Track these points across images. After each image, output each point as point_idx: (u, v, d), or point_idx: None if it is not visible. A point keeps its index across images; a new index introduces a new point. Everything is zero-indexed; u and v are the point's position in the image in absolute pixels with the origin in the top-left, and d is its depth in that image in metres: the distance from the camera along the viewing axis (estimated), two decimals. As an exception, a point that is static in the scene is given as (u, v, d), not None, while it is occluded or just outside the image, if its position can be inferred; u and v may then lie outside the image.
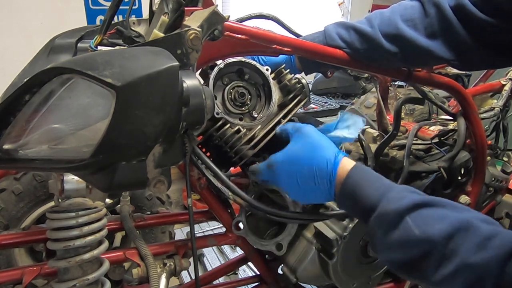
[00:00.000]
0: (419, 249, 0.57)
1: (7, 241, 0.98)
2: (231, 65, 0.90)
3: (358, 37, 0.88)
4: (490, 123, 1.40)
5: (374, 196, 0.65)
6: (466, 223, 0.55)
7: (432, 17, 0.83)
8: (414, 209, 0.59)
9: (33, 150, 0.59)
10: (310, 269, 1.05)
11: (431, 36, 0.83)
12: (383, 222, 0.62)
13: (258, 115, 0.92)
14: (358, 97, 2.86)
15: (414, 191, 0.65)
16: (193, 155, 0.76)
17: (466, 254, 0.53)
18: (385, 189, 0.65)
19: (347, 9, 4.61)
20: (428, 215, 0.58)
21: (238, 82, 0.92)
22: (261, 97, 0.94)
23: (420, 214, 0.59)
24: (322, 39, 0.91)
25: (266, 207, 0.85)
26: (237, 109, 0.91)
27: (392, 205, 0.61)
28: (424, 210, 0.59)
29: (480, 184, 1.25)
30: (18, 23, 2.87)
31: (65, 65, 0.56)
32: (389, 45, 0.86)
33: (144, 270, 0.89)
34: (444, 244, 0.55)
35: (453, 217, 0.57)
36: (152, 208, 1.80)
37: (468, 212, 0.59)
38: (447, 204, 0.61)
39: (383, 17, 0.87)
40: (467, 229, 0.54)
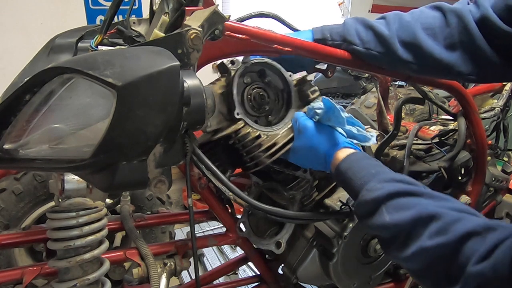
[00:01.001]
0: (389, 232, 0.63)
1: (7, 241, 0.97)
2: (255, 65, 0.87)
3: (374, 38, 0.86)
4: (491, 123, 1.40)
5: (357, 184, 0.71)
6: (433, 211, 0.59)
7: (453, 27, 0.80)
8: (389, 199, 0.64)
9: (34, 150, 0.59)
10: (310, 269, 1.05)
11: (450, 47, 0.80)
12: (362, 210, 0.69)
13: (274, 120, 0.90)
14: (358, 97, 2.86)
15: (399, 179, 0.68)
16: (193, 155, 0.76)
17: (424, 239, 0.57)
18: (367, 179, 0.70)
19: (347, 9, 4.62)
20: (400, 204, 0.63)
21: (259, 83, 0.89)
22: (278, 102, 0.91)
23: (394, 203, 0.64)
24: (341, 31, 0.90)
25: (266, 207, 0.85)
26: (254, 111, 0.88)
27: (370, 195, 0.67)
28: (399, 199, 0.64)
29: (481, 184, 1.25)
30: (18, 23, 2.87)
31: (66, 65, 0.56)
32: (404, 53, 0.84)
33: (144, 270, 0.89)
34: (408, 230, 0.60)
35: (423, 205, 0.61)
36: (152, 208, 1.81)
37: (443, 201, 0.62)
38: (424, 193, 0.64)
39: (402, 22, 0.84)
40: (433, 216, 0.58)
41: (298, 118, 0.85)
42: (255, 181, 0.94)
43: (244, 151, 0.87)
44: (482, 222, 0.55)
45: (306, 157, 0.84)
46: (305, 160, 0.86)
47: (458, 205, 0.61)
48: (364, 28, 0.88)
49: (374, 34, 0.86)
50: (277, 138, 0.86)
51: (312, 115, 0.83)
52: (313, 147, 0.81)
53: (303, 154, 0.84)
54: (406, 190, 0.64)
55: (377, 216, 0.65)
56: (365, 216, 0.68)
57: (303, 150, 0.83)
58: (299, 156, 0.86)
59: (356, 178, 0.72)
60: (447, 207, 0.59)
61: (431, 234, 0.57)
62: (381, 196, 0.65)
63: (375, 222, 0.66)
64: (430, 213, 0.59)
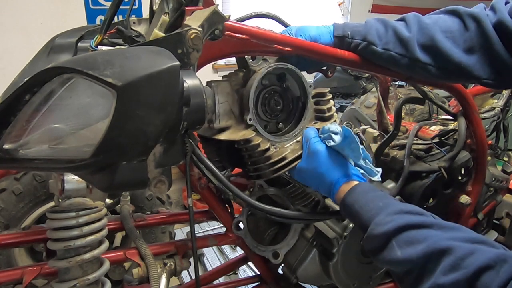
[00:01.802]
0: (402, 268, 0.62)
1: (7, 241, 0.97)
2: (278, 68, 0.83)
3: (395, 39, 0.86)
4: (491, 123, 1.40)
5: (365, 218, 0.70)
6: (445, 244, 0.57)
7: (472, 31, 0.79)
8: (399, 232, 0.63)
9: (34, 150, 0.59)
10: (310, 269, 1.05)
11: (469, 51, 0.80)
12: (372, 245, 0.67)
13: (283, 128, 0.87)
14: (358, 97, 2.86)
15: (407, 211, 0.67)
16: (193, 155, 0.76)
17: (438, 275, 0.56)
18: (375, 212, 0.69)
19: (347, 9, 4.62)
20: (411, 237, 0.62)
21: (277, 87, 0.85)
22: (292, 110, 0.87)
23: (405, 236, 0.62)
24: (361, 30, 0.90)
25: (266, 207, 0.85)
26: (266, 116, 0.85)
27: (379, 229, 0.66)
28: (409, 232, 0.62)
29: (481, 184, 1.25)
30: (18, 23, 2.87)
31: (66, 65, 0.56)
32: (423, 55, 0.83)
33: (144, 270, 0.88)
34: (421, 265, 0.58)
35: (434, 238, 0.59)
36: (152, 208, 1.80)
37: (453, 232, 0.61)
38: (434, 224, 0.63)
39: (421, 24, 0.84)
40: (445, 250, 0.57)
41: (310, 138, 0.82)
42: (259, 183, 0.93)
43: (250, 160, 0.85)
44: (494, 255, 0.54)
45: (311, 180, 0.82)
46: (310, 182, 0.84)
47: (469, 235, 0.60)
48: (385, 29, 0.87)
49: (394, 35, 0.86)
50: (285, 154, 0.82)
51: (326, 138, 0.80)
52: (321, 173, 0.79)
53: (308, 176, 0.82)
54: (416, 223, 0.63)
55: (388, 251, 0.64)
56: (375, 251, 0.67)
57: (310, 173, 0.81)
58: (304, 177, 0.84)
59: (363, 211, 0.71)
60: (459, 239, 0.58)
61: (445, 270, 0.55)
62: (391, 229, 0.64)
63: (386, 257, 0.64)
64: (442, 247, 0.57)
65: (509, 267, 0.52)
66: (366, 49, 0.89)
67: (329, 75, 1.04)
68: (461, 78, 0.86)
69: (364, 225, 0.70)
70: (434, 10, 0.89)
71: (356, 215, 0.72)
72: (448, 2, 0.86)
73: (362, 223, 0.70)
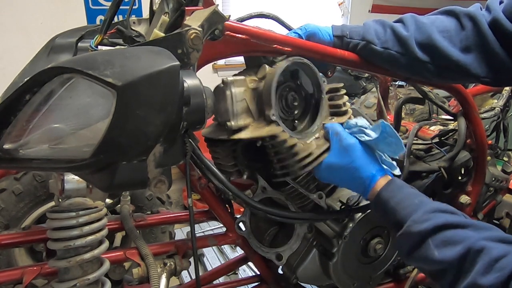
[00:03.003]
0: (437, 267, 0.63)
1: (7, 241, 0.97)
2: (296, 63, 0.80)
3: (393, 38, 0.87)
4: (491, 123, 1.40)
5: (401, 215, 0.69)
6: (482, 245, 0.58)
7: (468, 30, 0.80)
8: (436, 232, 0.64)
9: (34, 150, 0.59)
10: (310, 269, 1.05)
11: (466, 50, 0.81)
12: (408, 242, 0.67)
13: (299, 126, 0.85)
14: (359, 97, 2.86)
15: (443, 210, 0.67)
16: (193, 155, 0.76)
17: (475, 275, 0.56)
18: (412, 209, 0.68)
19: (347, 9, 4.62)
20: (448, 237, 0.62)
21: (291, 83, 0.83)
22: (306, 107, 0.85)
23: (441, 236, 0.63)
24: (360, 30, 0.91)
25: (266, 207, 0.85)
26: (283, 114, 0.82)
27: (416, 227, 0.66)
28: (446, 232, 0.63)
29: (481, 184, 1.25)
30: (18, 23, 2.87)
31: (66, 65, 0.56)
32: (421, 53, 0.84)
33: (144, 270, 0.88)
34: (458, 265, 0.59)
35: (470, 239, 0.60)
36: (152, 208, 1.80)
37: (488, 232, 0.61)
38: (470, 224, 0.64)
39: (418, 24, 0.85)
40: (480, 251, 0.58)
41: (340, 133, 0.80)
42: (262, 185, 0.91)
43: (276, 157, 0.81)
44: None
45: (343, 175, 0.79)
46: (340, 178, 0.81)
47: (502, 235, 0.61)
48: (383, 29, 0.88)
49: (392, 34, 0.87)
50: (312, 149, 0.79)
51: (356, 132, 0.79)
52: (355, 168, 0.77)
53: (340, 173, 0.79)
54: (453, 222, 0.64)
55: (424, 250, 0.64)
56: (409, 249, 0.67)
57: (342, 169, 0.78)
58: (334, 174, 0.81)
59: (400, 208, 0.70)
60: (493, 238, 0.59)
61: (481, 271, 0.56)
62: (429, 228, 0.64)
63: (421, 256, 0.65)
64: (479, 248, 0.58)
65: None
66: (365, 49, 0.90)
67: (329, 75, 1.04)
68: (459, 77, 0.87)
69: (399, 222, 0.69)
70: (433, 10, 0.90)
71: (392, 211, 0.71)
72: (447, 2, 0.86)
73: (398, 220, 0.70)
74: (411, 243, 0.66)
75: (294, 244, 0.98)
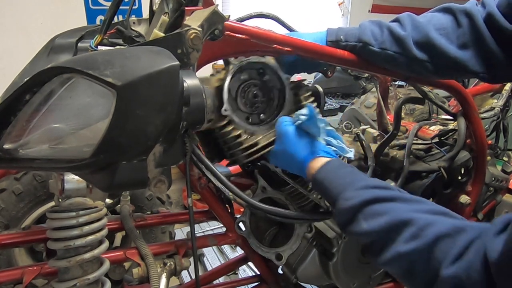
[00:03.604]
0: (367, 239, 0.66)
1: (7, 241, 0.97)
2: (254, 63, 0.87)
3: (390, 38, 0.87)
4: (490, 123, 1.40)
5: (333, 194, 0.73)
6: (407, 216, 0.61)
7: (465, 27, 0.81)
8: (365, 206, 0.67)
9: (34, 150, 0.59)
10: (310, 269, 1.05)
11: (463, 46, 0.81)
12: (341, 219, 0.71)
13: (266, 119, 0.91)
14: (358, 97, 2.86)
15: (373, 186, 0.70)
16: (193, 155, 0.76)
17: (399, 243, 0.60)
18: (343, 188, 0.72)
19: (347, 9, 4.61)
20: (375, 210, 0.65)
21: (256, 81, 0.90)
22: (273, 102, 0.91)
23: (369, 209, 0.66)
24: (355, 32, 0.91)
25: (266, 206, 0.85)
26: (246, 108, 0.89)
27: (345, 204, 0.69)
28: (374, 206, 0.66)
29: (480, 184, 1.25)
30: (18, 23, 2.87)
31: (66, 65, 0.57)
32: (419, 52, 0.84)
33: (144, 269, 0.88)
34: (384, 235, 0.62)
35: (397, 210, 0.63)
36: (152, 208, 1.80)
37: (416, 204, 0.64)
38: (397, 197, 0.66)
39: (415, 23, 0.85)
40: (407, 222, 0.60)
41: (281, 123, 0.86)
42: (262, 185, 0.93)
43: (225, 146, 0.90)
44: (452, 224, 0.57)
45: (284, 161, 0.86)
46: (283, 164, 0.88)
47: (432, 207, 0.63)
48: (379, 29, 0.89)
49: (389, 34, 0.87)
50: (258, 139, 0.87)
51: (295, 120, 0.84)
52: (290, 153, 0.83)
53: (281, 158, 0.86)
54: (381, 196, 0.66)
55: (355, 224, 0.67)
56: (344, 225, 0.71)
57: (282, 155, 0.85)
58: (278, 160, 0.88)
59: (332, 187, 0.74)
60: (421, 210, 0.62)
61: (405, 239, 0.59)
62: (357, 204, 0.67)
63: (354, 230, 0.68)
64: (403, 218, 0.61)
65: (466, 235, 0.54)
66: (363, 50, 0.90)
67: (329, 75, 1.04)
68: (458, 74, 0.88)
69: (333, 201, 0.73)
70: (433, 10, 0.89)
71: (326, 191, 0.75)
72: (447, 2, 0.86)
73: (332, 199, 0.74)
74: (344, 219, 0.70)
75: (294, 244, 0.98)
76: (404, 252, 0.59)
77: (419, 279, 0.58)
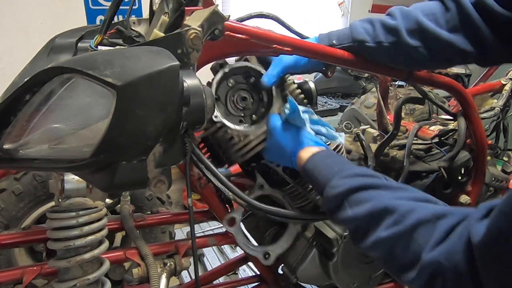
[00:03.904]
0: (351, 225, 0.68)
1: (7, 241, 0.98)
2: (237, 69, 0.91)
3: (383, 30, 0.89)
4: (490, 123, 1.40)
5: (321, 182, 0.75)
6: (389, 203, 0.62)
7: (453, 11, 0.83)
8: (350, 193, 0.68)
9: (34, 150, 0.59)
10: (310, 269, 1.05)
11: (453, 30, 0.83)
12: (328, 206, 0.73)
13: (258, 119, 0.93)
14: (358, 97, 2.86)
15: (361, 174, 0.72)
16: (193, 155, 0.76)
17: (381, 229, 0.61)
18: (331, 176, 0.74)
19: (347, 9, 4.61)
20: (360, 198, 0.67)
21: (243, 85, 0.93)
22: (263, 102, 0.94)
23: (355, 197, 0.68)
24: (348, 33, 0.92)
25: (266, 206, 0.85)
26: (237, 112, 0.92)
27: (332, 192, 0.71)
28: (359, 193, 0.68)
29: (480, 184, 1.25)
30: (18, 23, 2.87)
31: (66, 65, 0.56)
32: (412, 40, 0.86)
33: (144, 270, 0.89)
34: (367, 221, 0.64)
35: (381, 197, 0.65)
36: (152, 208, 1.80)
37: (401, 192, 0.66)
38: (383, 185, 0.68)
39: (404, 12, 0.88)
40: (389, 209, 0.61)
41: (270, 119, 0.89)
42: (259, 182, 0.94)
43: (220, 150, 0.94)
44: (433, 210, 0.58)
45: (276, 155, 0.90)
46: (276, 158, 0.92)
47: (415, 194, 0.64)
48: (371, 25, 0.90)
49: (382, 27, 0.89)
50: (250, 138, 0.91)
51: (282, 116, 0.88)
52: (280, 146, 0.86)
53: (273, 153, 0.90)
54: (366, 184, 0.68)
55: (341, 211, 0.69)
56: (331, 212, 0.73)
57: (273, 149, 0.89)
58: (271, 155, 0.91)
59: (320, 176, 0.76)
60: (404, 198, 0.63)
61: (387, 225, 0.61)
62: (342, 192, 0.69)
63: (339, 217, 0.70)
64: (386, 205, 0.62)
65: (446, 221, 0.55)
66: (360, 49, 0.91)
67: (329, 75, 1.04)
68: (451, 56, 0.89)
69: (321, 189, 0.75)
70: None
71: (314, 180, 0.77)
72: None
73: (319, 188, 0.75)
74: (331, 207, 0.72)
75: (284, 242, 0.97)
76: (385, 237, 0.60)
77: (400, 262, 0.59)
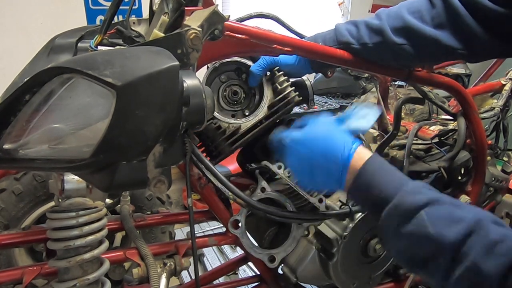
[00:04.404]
0: (430, 247, 0.57)
1: (7, 241, 0.97)
2: (228, 64, 0.93)
3: (367, 31, 0.89)
4: (490, 123, 1.40)
5: (391, 187, 0.64)
6: (478, 225, 0.55)
7: (439, 7, 0.83)
8: (431, 205, 0.59)
9: (34, 150, 0.59)
10: (310, 269, 1.05)
11: (439, 26, 0.83)
12: (398, 214, 0.61)
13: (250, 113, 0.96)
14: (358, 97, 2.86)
15: (430, 187, 0.63)
16: (193, 155, 0.76)
17: (476, 258, 0.52)
18: (402, 182, 0.64)
19: (347, 9, 4.61)
20: (443, 214, 0.58)
21: (235, 80, 0.96)
22: (255, 97, 0.97)
23: (435, 210, 0.58)
24: (333, 35, 0.92)
25: (265, 206, 0.85)
26: (230, 107, 0.96)
27: (409, 198, 0.61)
28: (440, 207, 0.59)
29: (480, 184, 1.25)
30: (18, 23, 2.87)
31: (66, 65, 0.57)
32: (397, 38, 0.86)
33: (144, 270, 0.88)
34: (456, 247, 0.54)
35: (468, 218, 0.56)
36: (152, 208, 1.80)
37: (481, 213, 0.58)
38: (460, 204, 0.60)
39: (390, 12, 0.88)
40: (478, 232, 0.54)
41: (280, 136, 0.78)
42: (262, 185, 0.93)
43: (209, 141, 0.96)
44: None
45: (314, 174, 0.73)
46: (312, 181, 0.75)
47: (491, 216, 0.57)
48: (355, 27, 0.91)
49: (366, 28, 0.89)
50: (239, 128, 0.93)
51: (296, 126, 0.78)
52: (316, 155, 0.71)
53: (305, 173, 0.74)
54: (446, 200, 0.60)
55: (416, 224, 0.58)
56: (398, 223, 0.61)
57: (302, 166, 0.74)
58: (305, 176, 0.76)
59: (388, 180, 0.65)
60: (488, 219, 0.56)
61: (482, 254, 0.52)
62: (422, 200, 0.59)
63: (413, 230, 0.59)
64: (477, 228, 0.54)
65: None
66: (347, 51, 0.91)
67: (329, 75, 1.05)
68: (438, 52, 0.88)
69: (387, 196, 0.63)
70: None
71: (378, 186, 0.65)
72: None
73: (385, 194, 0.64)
74: (402, 214, 0.60)
75: (289, 246, 0.98)
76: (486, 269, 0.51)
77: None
